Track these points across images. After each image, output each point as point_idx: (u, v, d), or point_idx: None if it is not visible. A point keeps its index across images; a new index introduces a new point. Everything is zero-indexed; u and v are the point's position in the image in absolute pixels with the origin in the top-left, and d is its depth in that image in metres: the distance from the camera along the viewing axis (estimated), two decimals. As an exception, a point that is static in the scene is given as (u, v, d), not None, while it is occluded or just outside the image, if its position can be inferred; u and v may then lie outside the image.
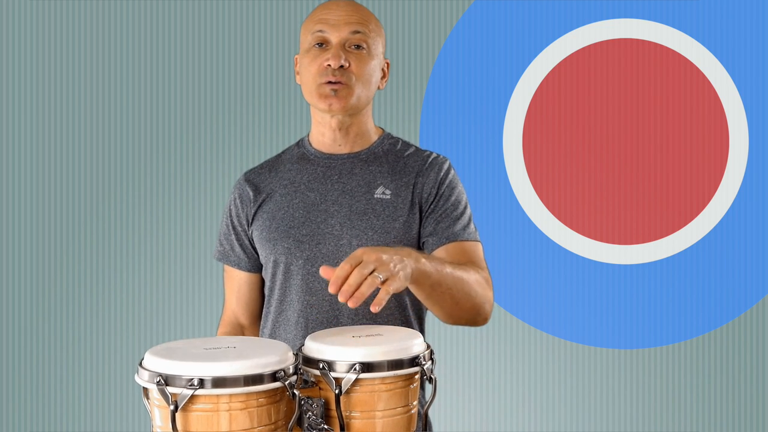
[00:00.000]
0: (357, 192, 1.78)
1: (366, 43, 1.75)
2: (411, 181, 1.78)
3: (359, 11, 1.78)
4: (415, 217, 1.76)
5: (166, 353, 1.29)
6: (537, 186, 2.95)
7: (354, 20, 1.75)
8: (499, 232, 2.95)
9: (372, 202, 1.76)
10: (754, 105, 2.91)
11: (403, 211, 1.76)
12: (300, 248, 1.76)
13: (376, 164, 1.81)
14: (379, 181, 1.79)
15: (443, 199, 1.78)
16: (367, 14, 1.79)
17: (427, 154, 1.84)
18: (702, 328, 2.94)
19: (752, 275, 2.92)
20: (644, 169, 2.94)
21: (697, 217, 2.92)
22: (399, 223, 1.75)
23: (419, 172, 1.79)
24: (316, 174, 1.81)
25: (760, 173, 2.91)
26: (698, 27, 2.90)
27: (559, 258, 2.95)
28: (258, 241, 1.82)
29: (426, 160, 1.82)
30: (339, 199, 1.77)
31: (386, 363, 1.33)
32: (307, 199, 1.79)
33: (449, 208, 1.78)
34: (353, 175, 1.79)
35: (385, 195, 1.77)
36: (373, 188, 1.78)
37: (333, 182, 1.79)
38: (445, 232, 1.76)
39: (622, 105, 2.94)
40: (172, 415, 1.23)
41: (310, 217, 1.77)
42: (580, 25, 2.93)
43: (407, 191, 1.77)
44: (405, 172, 1.80)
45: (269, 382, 1.25)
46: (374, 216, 1.75)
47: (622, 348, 2.97)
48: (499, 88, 2.95)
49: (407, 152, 1.84)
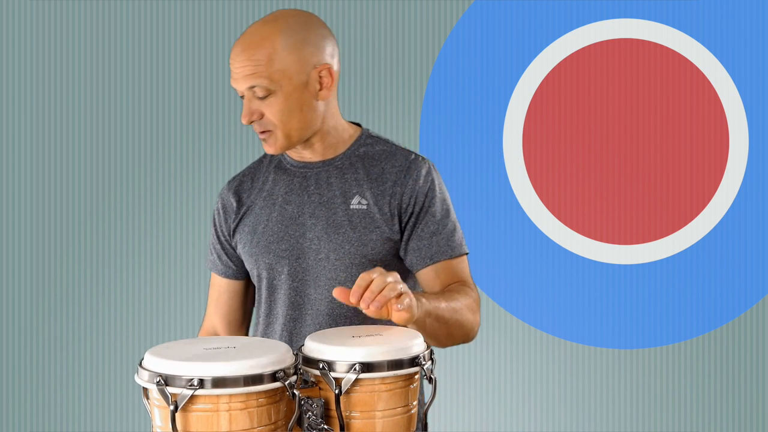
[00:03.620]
0: (333, 203, 1.73)
1: (269, 90, 1.65)
2: (388, 190, 1.72)
3: (254, 55, 1.64)
4: (395, 228, 1.72)
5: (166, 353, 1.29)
6: (537, 186, 2.95)
7: (248, 72, 1.64)
8: (499, 232, 2.95)
9: (349, 213, 1.72)
10: (754, 105, 2.91)
11: (381, 221, 1.71)
12: (281, 263, 1.75)
13: (351, 171, 1.75)
14: (354, 190, 1.74)
15: (424, 211, 1.73)
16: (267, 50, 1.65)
17: (405, 159, 1.75)
18: (702, 328, 2.94)
19: (752, 275, 2.92)
20: (644, 169, 2.94)
21: (697, 217, 2.92)
22: (376, 235, 1.71)
23: (397, 181, 1.73)
24: (292, 185, 1.77)
25: (760, 173, 2.91)
26: (698, 27, 2.90)
27: (559, 258, 2.95)
28: (242, 254, 1.81)
29: (405, 166, 1.74)
30: (316, 211, 1.74)
31: (386, 363, 1.33)
32: (285, 212, 1.76)
33: (431, 221, 1.73)
34: (329, 184, 1.75)
35: (361, 205, 1.72)
36: (349, 198, 1.73)
37: (309, 193, 1.75)
38: (429, 250, 1.72)
39: (622, 105, 2.94)
40: (172, 416, 1.23)
41: (289, 231, 1.74)
42: (580, 25, 2.93)
43: (384, 200, 1.72)
44: (382, 179, 1.74)
45: (269, 382, 1.25)
46: (350, 228, 1.71)
47: (622, 348, 2.97)
48: (499, 88, 2.95)
49: (385, 156, 1.77)
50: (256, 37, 1.66)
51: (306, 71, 1.68)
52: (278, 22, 1.68)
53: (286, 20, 1.68)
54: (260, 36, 1.66)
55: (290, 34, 1.67)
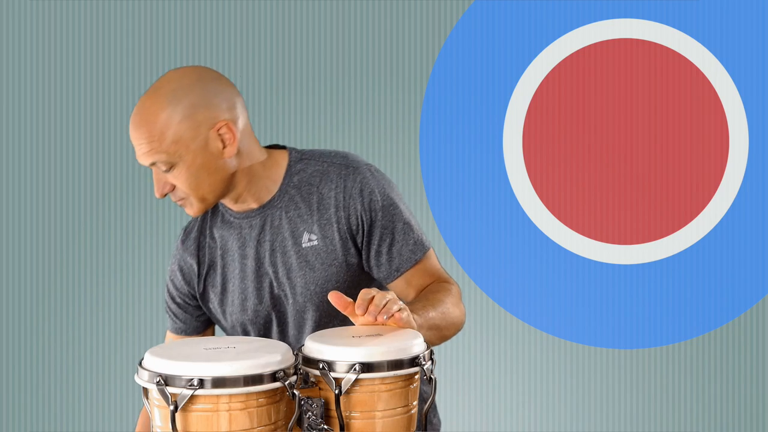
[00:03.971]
0: (285, 246, 1.70)
1: (170, 163, 1.61)
2: (332, 217, 1.69)
3: (145, 133, 1.61)
4: (351, 251, 1.69)
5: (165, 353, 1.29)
6: (537, 186, 2.95)
7: (145, 150, 1.61)
8: (499, 232, 2.95)
9: (303, 253, 1.69)
10: (754, 105, 2.90)
11: (336, 252, 1.69)
12: (259, 316, 1.74)
13: (292, 208, 1.70)
14: (301, 227, 1.69)
15: (375, 225, 1.69)
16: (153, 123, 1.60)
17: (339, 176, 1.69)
18: (702, 328, 2.94)
19: (752, 275, 2.92)
20: (644, 169, 2.94)
21: (697, 217, 2.92)
22: (336, 267, 1.69)
23: (338, 204, 1.69)
24: (242, 238, 1.73)
25: (760, 173, 2.91)
26: (698, 27, 2.90)
27: (559, 258, 2.95)
28: (212, 313, 1.79)
29: (341, 186, 1.69)
30: (272, 258, 1.71)
31: (386, 363, 1.33)
32: (245, 267, 1.73)
33: (385, 233, 1.70)
34: (274, 228, 1.71)
35: (311, 242, 1.69)
36: (299, 237, 1.69)
37: (261, 242, 1.71)
38: (393, 264, 1.70)
39: (622, 105, 2.94)
40: (172, 416, 1.23)
41: (256, 285, 1.72)
42: (580, 25, 2.93)
43: (332, 229, 1.69)
44: (323, 206, 1.69)
45: (269, 383, 1.25)
46: (309, 269, 1.69)
47: (622, 348, 2.97)
48: (499, 88, 2.94)
49: (319, 177, 1.71)
50: (144, 113, 1.62)
51: (202, 135, 1.62)
52: (163, 92, 1.62)
53: (170, 88, 1.62)
54: (148, 111, 1.61)
55: (177, 101, 1.61)
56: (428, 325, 1.55)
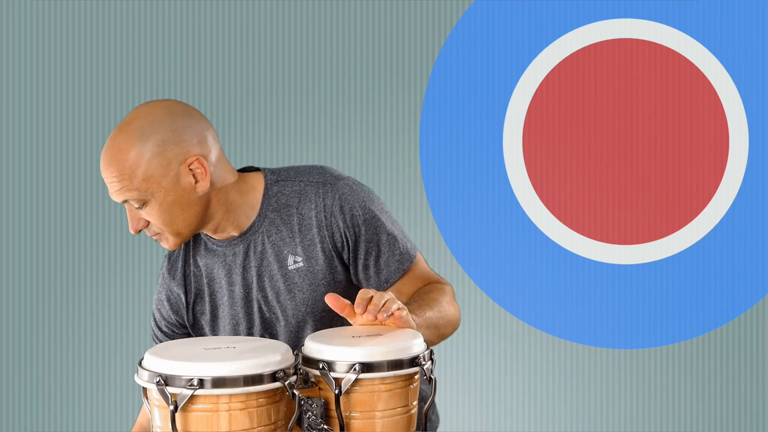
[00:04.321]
0: (271, 270, 1.70)
1: (142, 200, 1.60)
2: (315, 237, 1.68)
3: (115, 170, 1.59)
4: (337, 269, 1.69)
5: (165, 353, 1.29)
6: (537, 186, 2.95)
7: (116, 188, 1.60)
8: (499, 232, 2.95)
9: (289, 276, 1.69)
10: (754, 105, 2.90)
11: (323, 272, 1.69)
12: None
13: (273, 231, 1.69)
14: (285, 250, 1.69)
15: (359, 241, 1.69)
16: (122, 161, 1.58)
17: (317, 194, 1.68)
18: (702, 328, 2.94)
19: (752, 275, 2.92)
20: (644, 169, 2.94)
21: (697, 217, 2.92)
22: (324, 286, 1.68)
23: (319, 224, 1.68)
24: (227, 266, 1.72)
25: (760, 173, 2.91)
26: (698, 27, 2.90)
27: (559, 258, 2.95)
28: None
29: (320, 206, 1.68)
30: (259, 283, 1.70)
31: (386, 363, 1.33)
32: (234, 294, 1.72)
33: (370, 247, 1.69)
34: (259, 253, 1.70)
35: (297, 263, 1.68)
36: (284, 260, 1.69)
37: (247, 269, 1.71)
38: (381, 275, 1.70)
39: (622, 105, 2.94)
40: (172, 415, 1.23)
41: (246, 310, 1.72)
42: (580, 25, 2.93)
43: (316, 250, 1.68)
44: (304, 227, 1.68)
45: (269, 382, 1.25)
46: (298, 290, 1.69)
47: (622, 348, 2.97)
48: (499, 88, 2.94)
49: (297, 197, 1.69)
50: (114, 151, 1.60)
51: (173, 171, 1.60)
52: (131, 129, 1.60)
53: (139, 125, 1.60)
54: (118, 149, 1.59)
55: (146, 138, 1.59)
56: (426, 325, 1.55)
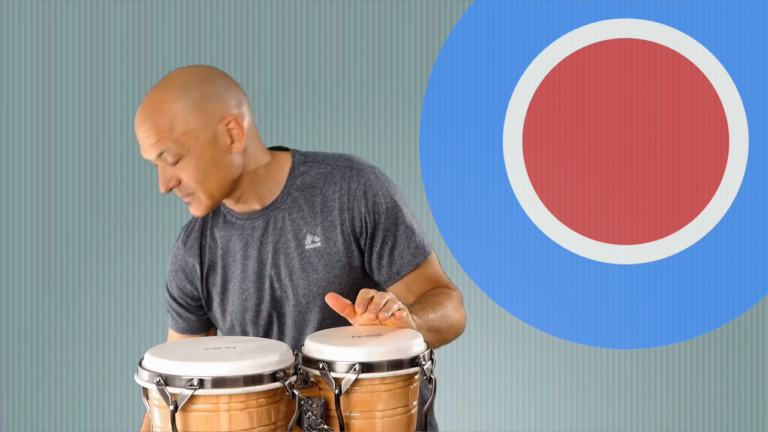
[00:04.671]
0: (288, 248, 1.70)
1: (178, 154, 1.61)
2: (336, 219, 1.69)
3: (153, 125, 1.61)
4: (354, 254, 1.70)
5: (165, 353, 1.29)
6: (537, 186, 2.95)
7: (152, 141, 1.61)
8: (499, 232, 2.95)
9: (306, 255, 1.69)
10: (754, 105, 2.90)
11: (339, 254, 1.69)
12: (260, 317, 1.74)
13: (295, 209, 1.70)
14: (304, 229, 1.70)
15: (377, 228, 1.69)
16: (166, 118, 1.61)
17: (342, 178, 1.70)
18: (702, 328, 2.94)
19: (752, 275, 2.92)
20: (644, 169, 2.94)
21: (697, 217, 2.92)
22: (339, 269, 1.69)
23: (342, 207, 1.69)
24: (244, 239, 1.73)
25: (760, 173, 2.91)
26: (698, 27, 2.90)
27: (559, 258, 2.95)
28: (213, 314, 1.79)
29: (345, 188, 1.69)
30: (274, 260, 1.71)
31: (386, 363, 1.33)
32: (247, 268, 1.73)
33: (387, 236, 1.70)
34: (277, 230, 1.71)
35: (315, 243, 1.69)
36: (302, 239, 1.69)
37: (263, 243, 1.71)
38: (394, 266, 1.70)
39: (622, 105, 2.94)
40: (172, 415, 1.23)
41: (257, 285, 1.72)
42: (580, 25, 2.93)
43: (336, 232, 1.69)
44: (327, 208, 1.69)
45: (269, 382, 1.25)
46: (312, 270, 1.69)
47: (622, 348, 2.97)
48: (499, 88, 2.94)
49: (323, 180, 1.71)
50: (154, 104, 1.62)
51: (212, 128, 1.62)
52: (174, 84, 1.63)
53: (181, 80, 1.64)
54: (158, 102, 1.62)
55: (188, 93, 1.62)
56: (427, 327, 1.55)
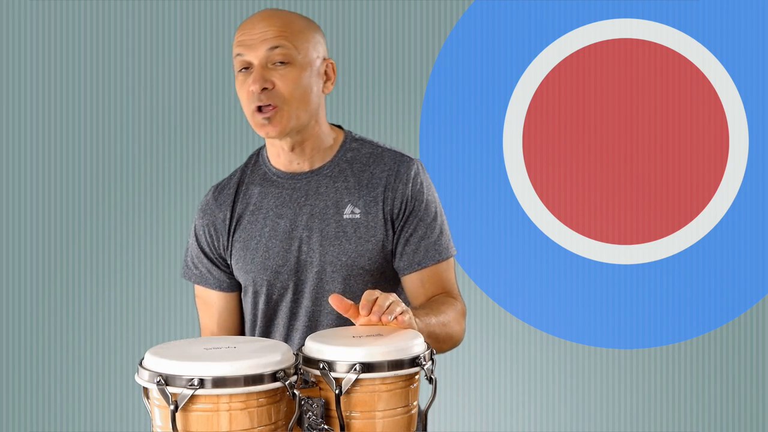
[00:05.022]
0: (326, 214, 1.71)
1: (290, 57, 1.64)
2: (379, 196, 1.71)
3: (277, 22, 1.65)
4: (389, 234, 1.72)
5: (166, 353, 1.29)
6: (537, 186, 2.95)
7: (271, 35, 1.63)
8: (499, 232, 2.95)
9: (342, 223, 1.71)
10: (754, 105, 2.91)
11: (375, 230, 1.71)
12: (279, 279, 1.73)
13: (341, 179, 1.73)
14: (346, 199, 1.72)
15: (413, 215, 1.72)
16: (288, 21, 1.66)
17: (393, 161, 1.74)
18: (702, 328, 2.94)
19: (752, 275, 2.92)
20: (644, 169, 2.94)
21: (697, 217, 2.92)
22: (372, 244, 1.71)
23: (387, 185, 1.72)
24: (282, 198, 1.74)
25: (760, 173, 2.91)
26: (698, 27, 2.90)
27: (559, 258, 2.95)
28: (235, 270, 1.78)
29: (393, 169, 1.73)
30: (309, 223, 1.72)
31: (386, 363, 1.33)
32: (277, 226, 1.73)
33: (420, 225, 1.72)
34: (319, 195, 1.72)
35: (354, 215, 1.71)
36: (342, 208, 1.71)
37: (300, 205, 1.73)
38: (417, 255, 1.72)
39: (622, 105, 2.94)
40: (172, 415, 1.23)
41: (284, 246, 1.72)
42: (580, 25, 2.93)
43: (377, 207, 1.71)
44: (372, 184, 1.72)
45: (269, 382, 1.25)
46: (346, 240, 1.70)
47: (622, 348, 2.97)
48: (499, 88, 2.95)
49: (372, 159, 1.75)
50: (277, 11, 1.68)
51: (318, 56, 1.69)
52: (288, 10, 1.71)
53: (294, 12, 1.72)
54: (277, 12, 1.68)
55: (303, 20, 1.69)
56: (427, 332, 1.55)
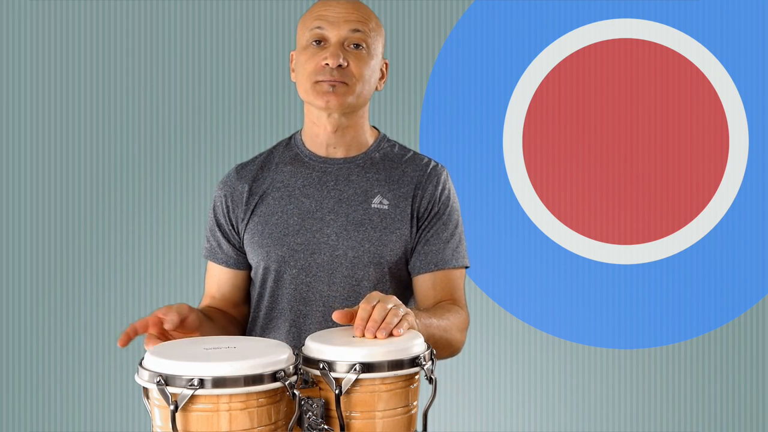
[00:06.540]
0: (354, 201, 1.74)
1: (365, 43, 1.72)
2: (410, 193, 1.75)
3: (359, 9, 1.73)
4: (413, 231, 1.74)
5: (166, 353, 1.29)
6: (537, 186, 2.95)
7: (354, 18, 1.71)
8: (499, 232, 2.95)
9: (369, 212, 1.73)
10: (754, 105, 2.91)
11: (401, 223, 1.73)
12: (294, 257, 1.73)
13: (373, 171, 1.77)
14: (376, 189, 1.75)
15: (438, 217, 1.75)
16: (368, 12, 1.75)
17: (425, 163, 1.79)
18: (702, 328, 2.94)
19: (752, 275, 2.92)
20: (644, 169, 2.94)
21: (697, 217, 2.93)
22: (396, 236, 1.72)
23: (418, 184, 1.76)
24: (311, 179, 1.76)
25: (760, 173, 2.91)
26: (698, 27, 2.90)
27: (559, 258, 2.95)
28: (249, 244, 1.77)
29: (425, 170, 1.78)
30: (335, 207, 1.73)
31: (386, 363, 1.33)
32: (302, 205, 1.74)
33: (443, 229, 1.75)
34: (350, 182, 1.75)
35: (382, 205, 1.74)
36: (371, 197, 1.74)
37: (329, 189, 1.75)
38: (433, 257, 1.74)
39: (622, 105, 2.94)
40: (172, 415, 1.23)
41: (305, 225, 1.73)
42: (580, 25, 2.93)
43: (406, 203, 1.74)
44: (403, 181, 1.76)
45: (269, 382, 1.25)
46: (371, 227, 1.72)
47: (622, 348, 2.97)
48: (499, 88, 2.95)
49: (405, 158, 1.80)
50: (354, 1, 1.74)
51: (381, 55, 1.78)
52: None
53: None
54: (358, 2, 1.75)
55: (376, 17, 1.78)
56: (427, 333, 1.55)
